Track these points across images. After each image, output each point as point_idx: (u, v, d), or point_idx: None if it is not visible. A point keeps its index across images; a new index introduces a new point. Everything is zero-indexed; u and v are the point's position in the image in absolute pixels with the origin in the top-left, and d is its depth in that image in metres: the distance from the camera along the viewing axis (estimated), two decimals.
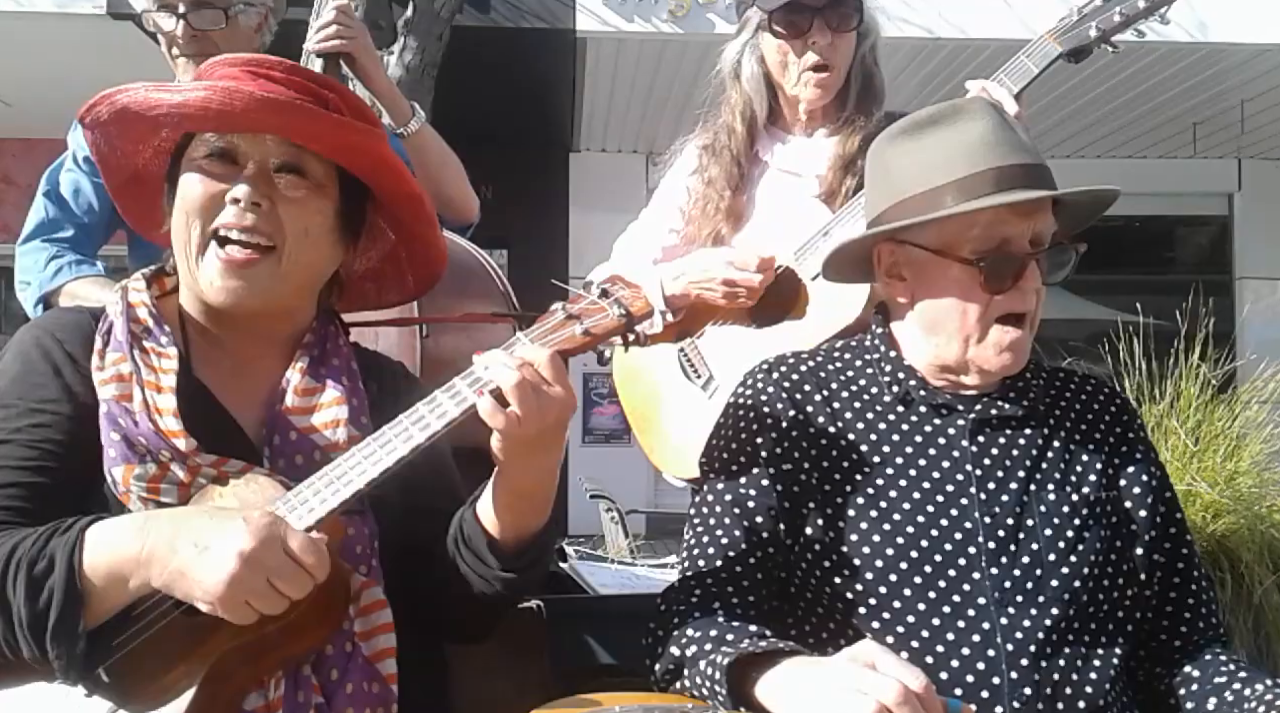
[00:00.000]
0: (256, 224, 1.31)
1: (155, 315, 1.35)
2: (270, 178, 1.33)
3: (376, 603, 1.30)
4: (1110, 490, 1.45)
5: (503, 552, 1.32)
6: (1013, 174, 1.36)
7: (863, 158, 2.08)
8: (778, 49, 2.13)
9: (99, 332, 1.33)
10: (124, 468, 1.24)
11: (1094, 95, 7.83)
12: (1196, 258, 10.71)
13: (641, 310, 1.28)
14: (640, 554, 5.95)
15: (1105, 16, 1.98)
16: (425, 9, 5.56)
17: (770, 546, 1.42)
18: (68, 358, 1.32)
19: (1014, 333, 1.40)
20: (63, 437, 1.28)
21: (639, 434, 2.27)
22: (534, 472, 1.28)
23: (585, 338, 1.26)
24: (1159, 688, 1.45)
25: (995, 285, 1.38)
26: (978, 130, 1.39)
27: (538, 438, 1.23)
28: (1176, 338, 4.44)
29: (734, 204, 2.18)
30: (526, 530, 1.32)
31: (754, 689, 1.21)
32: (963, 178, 1.36)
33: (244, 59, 1.37)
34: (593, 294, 1.29)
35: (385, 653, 1.29)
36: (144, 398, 1.27)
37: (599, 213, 7.23)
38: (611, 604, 2.05)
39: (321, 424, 1.35)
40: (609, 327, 1.26)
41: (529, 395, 1.20)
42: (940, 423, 1.45)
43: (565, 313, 1.27)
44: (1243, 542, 3.94)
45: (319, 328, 1.45)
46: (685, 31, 7.07)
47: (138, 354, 1.31)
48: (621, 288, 1.29)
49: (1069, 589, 1.37)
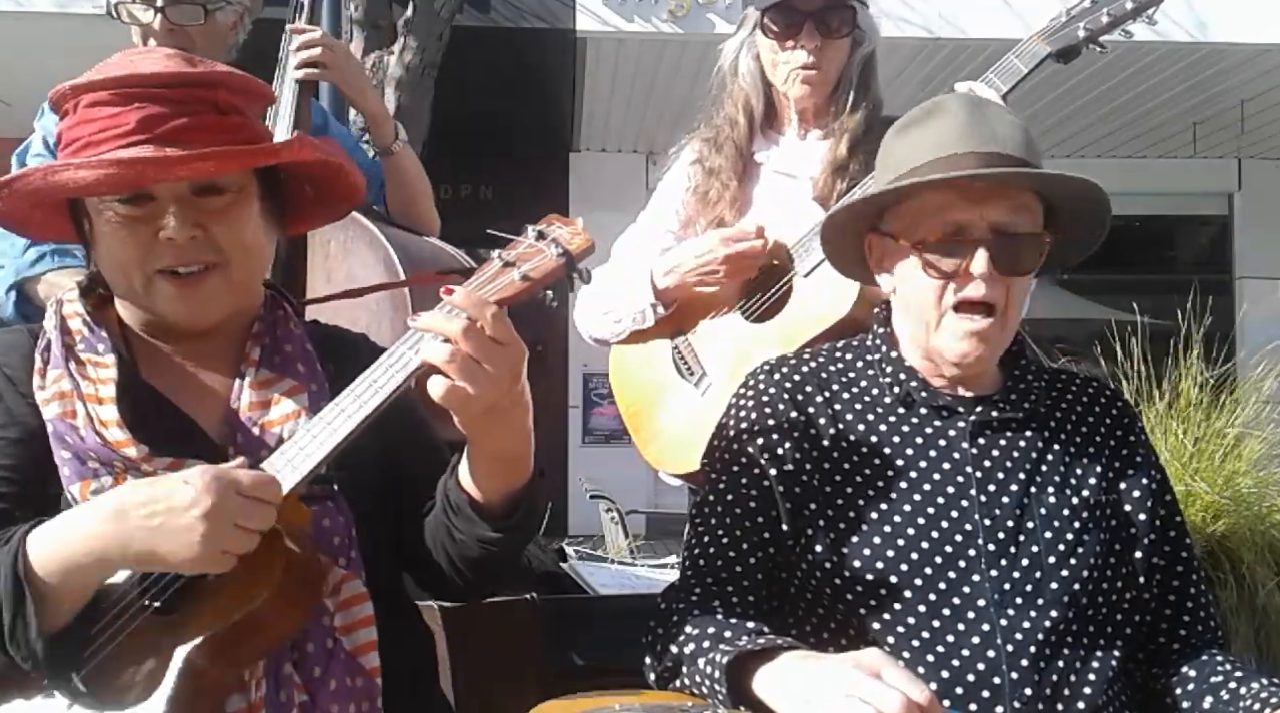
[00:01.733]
0: (197, 255, 1.29)
1: (90, 325, 1.33)
2: (193, 203, 1.29)
3: (357, 596, 1.29)
4: (1110, 494, 1.45)
5: (491, 514, 1.29)
6: (977, 161, 1.36)
7: (854, 162, 2.10)
8: (770, 48, 2.15)
9: (38, 350, 1.31)
10: (80, 484, 1.23)
11: (1094, 95, 7.84)
12: (1196, 258, 10.72)
13: (581, 247, 1.20)
14: (640, 554, 5.95)
15: (1093, 17, 1.99)
16: (425, 9, 5.57)
17: (771, 546, 1.42)
18: (7, 381, 1.30)
19: (974, 323, 1.39)
20: (11, 461, 1.26)
21: (632, 431, 2.28)
22: (506, 434, 1.24)
23: (524, 284, 1.18)
24: (1156, 689, 1.45)
25: (938, 273, 1.38)
26: (948, 123, 1.40)
27: (495, 400, 1.18)
28: (1176, 338, 4.44)
29: (739, 194, 2.19)
30: (511, 489, 1.29)
31: (753, 687, 1.21)
32: (922, 164, 1.38)
33: (116, 80, 1.27)
34: (528, 237, 1.21)
35: (367, 647, 1.28)
36: (86, 411, 1.25)
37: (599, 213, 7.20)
38: (611, 604, 2.05)
39: (281, 416, 1.32)
40: (549, 268, 1.19)
41: (467, 363, 1.15)
42: (941, 424, 1.45)
43: (501, 261, 1.20)
44: (1242, 542, 3.94)
45: (266, 314, 1.42)
46: (685, 31, 7.08)
47: (74, 367, 1.29)
48: (559, 227, 1.22)
49: (1068, 591, 1.37)
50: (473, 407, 1.18)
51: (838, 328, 1.92)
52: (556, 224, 1.23)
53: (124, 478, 1.23)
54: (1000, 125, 1.40)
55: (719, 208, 2.18)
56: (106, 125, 1.25)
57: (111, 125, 1.25)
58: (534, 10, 7.37)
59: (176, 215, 1.27)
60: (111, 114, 1.25)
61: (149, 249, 1.28)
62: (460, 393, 1.16)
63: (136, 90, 1.26)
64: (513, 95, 7.96)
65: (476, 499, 1.30)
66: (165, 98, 1.26)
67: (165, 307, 1.32)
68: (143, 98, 1.25)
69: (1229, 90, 8.08)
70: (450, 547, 1.34)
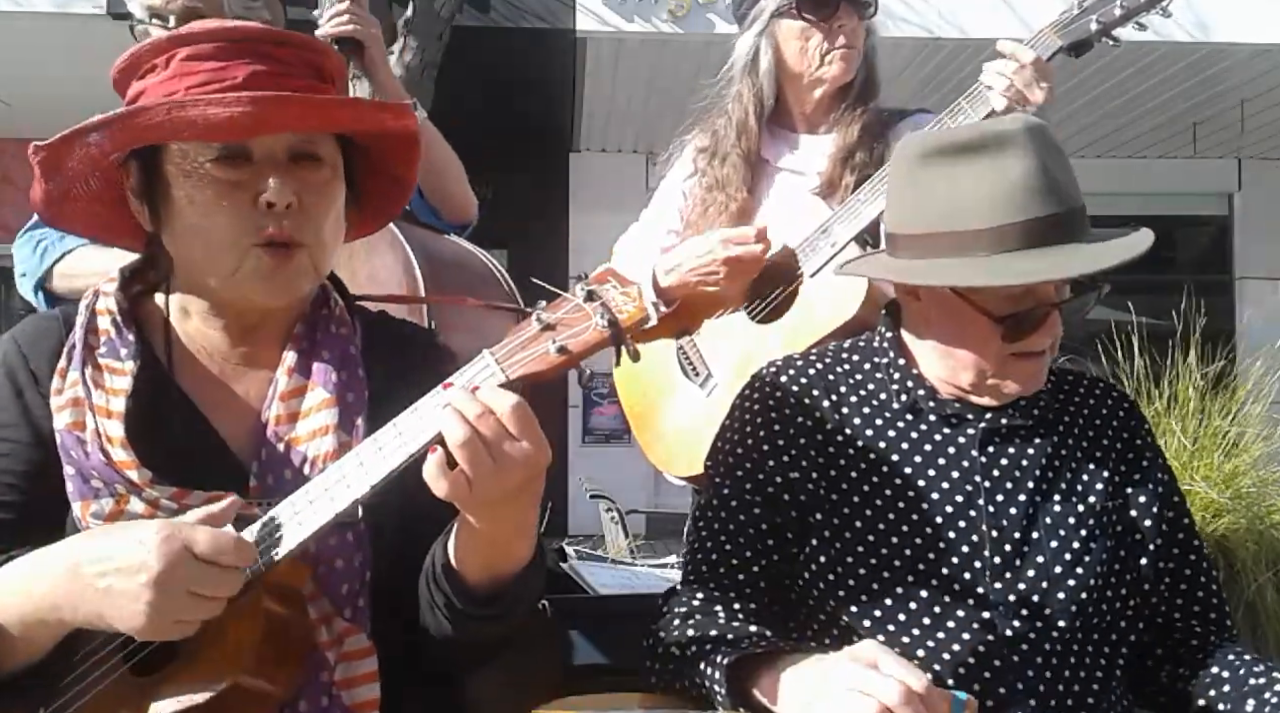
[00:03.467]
0: (294, 229, 1.19)
1: (119, 324, 1.23)
2: (289, 170, 1.19)
3: (360, 650, 1.18)
4: (1116, 499, 1.44)
5: (470, 595, 1.16)
6: (1048, 226, 1.30)
7: (861, 152, 2.10)
8: (800, 33, 2.14)
9: (66, 346, 1.23)
10: (81, 504, 1.15)
11: (1094, 95, 7.83)
12: (1196, 258, 10.71)
13: (632, 319, 1.05)
14: (640, 554, 5.94)
15: (1106, 10, 1.96)
16: (425, 9, 5.57)
17: (775, 553, 1.41)
18: (31, 378, 1.22)
19: (1033, 364, 1.38)
20: (24, 467, 1.19)
21: (637, 431, 2.28)
22: (505, 525, 1.10)
23: (560, 357, 1.04)
24: (1181, 689, 1.43)
25: (1016, 336, 1.36)
26: (1019, 170, 1.31)
27: (501, 499, 1.05)
28: (1176, 338, 4.44)
29: (746, 203, 2.18)
30: (497, 575, 1.15)
31: (754, 690, 1.21)
32: (997, 227, 1.30)
33: (225, 32, 1.18)
34: (577, 296, 1.06)
35: (368, 704, 1.18)
36: (95, 426, 1.16)
37: (599, 213, 7.23)
38: (611, 604, 2.05)
39: (308, 433, 1.22)
40: (590, 341, 1.04)
41: (479, 453, 1.01)
42: (950, 432, 1.43)
43: (540, 323, 1.05)
44: (1242, 542, 3.95)
45: (311, 313, 1.31)
46: (685, 31, 7.07)
47: (90, 373, 1.20)
48: (612, 288, 1.07)
49: (1075, 601, 1.36)
50: (474, 498, 1.05)
51: (844, 329, 1.91)
52: (612, 282, 1.07)
53: (126, 502, 1.14)
54: (1059, 165, 1.33)
55: (720, 221, 2.17)
56: (212, 78, 1.14)
57: (217, 78, 1.14)
58: (534, 10, 7.36)
59: (280, 177, 1.17)
60: (217, 66, 1.15)
61: (246, 217, 1.17)
62: (461, 480, 1.03)
63: (243, 45, 1.16)
64: (513, 95, 7.95)
65: (460, 577, 1.16)
66: (273, 55, 1.17)
67: (252, 283, 1.20)
68: (250, 53, 1.16)
69: (1229, 90, 8.07)
70: (429, 620, 1.21)
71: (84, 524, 1.15)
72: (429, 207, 2.28)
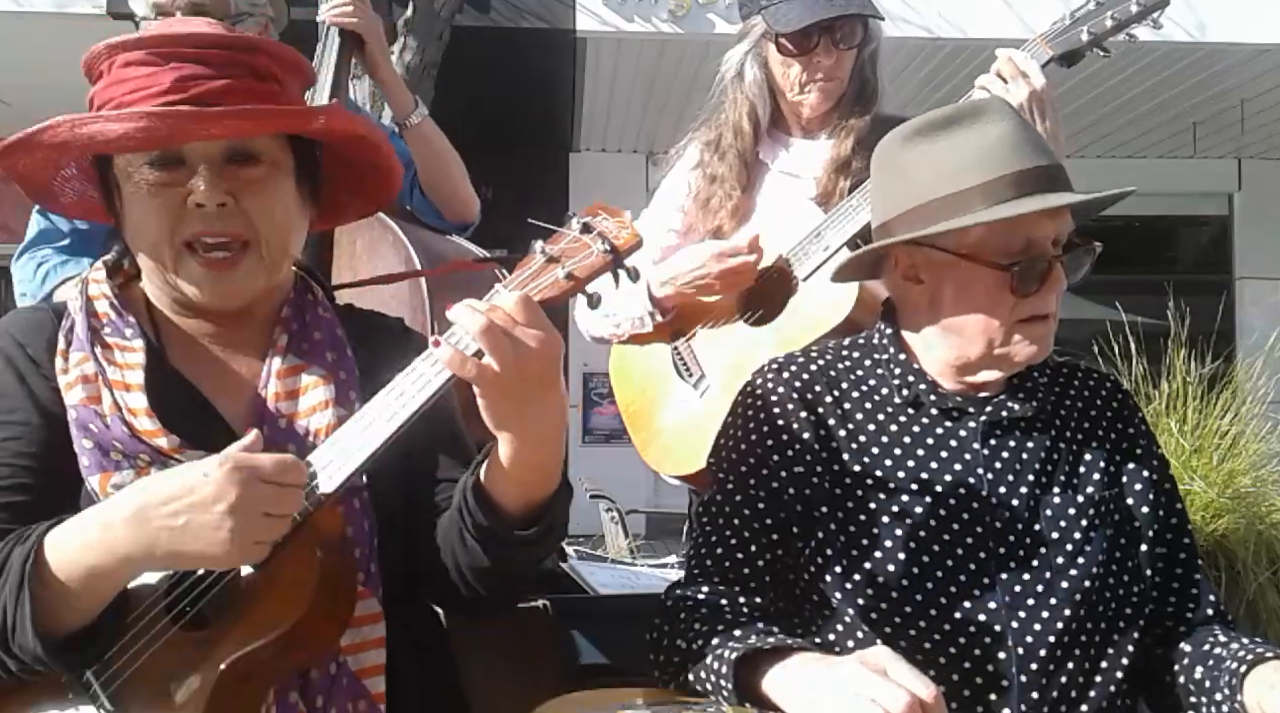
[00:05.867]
0: (227, 226, 1.24)
1: (117, 307, 1.28)
2: (224, 170, 1.23)
3: (370, 615, 1.24)
4: (1113, 488, 1.46)
5: (510, 522, 1.22)
6: (1036, 177, 1.36)
7: (857, 159, 2.10)
8: (781, 61, 2.14)
9: (61, 331, 1.26)
10: (100, 476, 1.18)
11: (1094, 95, 7.83)
12: (1196, 258, 10.72)
13: (629, 242, 1.14)
14: (640, 554, 5.94)
15: (1097, 21, 1.98)
16: (425, 9, 5.57)
17: (779, 548, 1.41)
18: (31, 364, 1.25)
19: (1040, 328, 1.40)
20: (35, 449, 1.22)
21: (631, 431, 2.28)
22: (531, 434, 1.16)
23: (569, 283, 1.13)
24: (1158, 669, 1.45)
25: (1025, 289, 1.37)
26: (997, 132, 1.38)
27: (521, 389, 1.11)
28: (1175, 338, 4.44)
29: (741, 203, 2.18)
30: (532, 499, 1.22)
31: (760, 685, 1.21)
32: (988, 181, 1.36)
33: (154, 39, 1.23)
34: (573, 229, 1.15)
35: (374, 670, 1.23)
36: (113, 399, 1.20)
37: None
38: (611, 604, 2.05)
39: (307, 408, 1.28)
40: (594, 266, 1.13)
41: (501, 340, 1.08)
42: (952, 425, 1.44)
43: (545, 255, 1.14)
44: (1241, 542, 3.95)
45: (296, 298, 1.37)
46: (685, 31, 7.07)
47: (100, 351, 1.24)
48: (604, 218, 1.15)
49: (1079, 591, 1.37)
50: (497, 386, 1.11)
51: (837, 331, 1.92)
52: (602, 215, 1.16)
53: (147, 472, 1.17)
54: (1036, 129, 1.42)
55: (719, 215, 2.18)
56: (140, 84, 1.20)
57: (145, 85, 1.20)
58: (534, 10, 7.36)
59: (207, 179, 1.22)
60: (146, 73, 1.20)
61: (178, 217, 1.23)
62: (487, 369, 1.09)
63: (172, 50, 1.21)
64: (513, 95, 7.95)
65: (495, 504, 1.22)
66: (202, 58, 1.21)
67: (193, 287, 1.26)
68: (179, 57, 1.21)
69: (1229, 90, 8.08)
70: (460, 554, 1.26)
71: (102, 496, 1.17)
72: (431, 207, 2.29)
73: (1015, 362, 1.42)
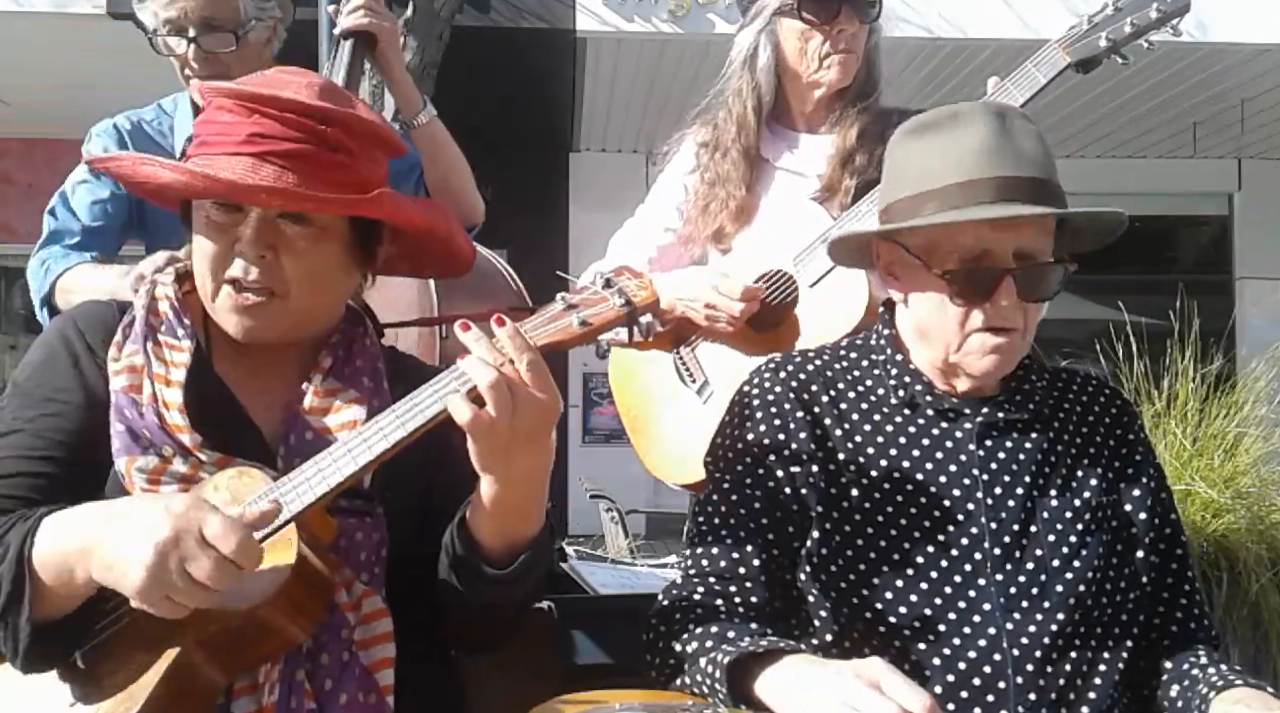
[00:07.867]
0: (260, 278, 1.31)
1: (177, 310, 1.36)
2: (274, 225, 1.31)
3: (377, 612, 1.29)
4: (1111, 495, 1.46)
5: (489, 560, 1.28)
6: (1003, 186, 1.34)
7: (860, 152, 2.09)
8: (800, 34, 2.12)
9: (121, 325, 1.35)
10: (126, 459, 1.25)
11: (1094, 95, 7.83)
12: (1196, 258, 10.72)
13: (645, 301, 1.22)
14: (640, 554, 5.94)
15: (1116, 27, 1.92)
16: (425, 9, 5.57)
17: (775, 548, 1.42)
18: (87, 349, 1.34)
19: (996, 339, 1.38)
20: (73, 426, 1.29)
21: (632, 436, 2.27)
22: (517, 481, 1.23)
23: (582, 329, 1.21)
24: (1139, 683, 1.45)
25: (964, 300, 1.37)
26: (975, 137, 1.36)
27: (512, 441, 1.18)
28: (1175, 338, 4.44)
29: (745, 202, 2.17)
30: (512, 540, 1.28)
31: (754, 688, 1.21)
32: (948, 186, 1.35)
33: (243, 94, 1.32)
34: (596, 284, 1.24)
35: (383, 663, 1.28)
36: (152, 391, 1.28)
37: (599, 213, 7.22)
38: (611, 604, 2.05)
39: (338, 425, 1.34)
40: (608, 317, 1.21)
41: (505, 397, 1.15)
42: (947, 427, 1.44)
43: (564, 303, 1.22)
44: (1242, 542, 3.94)
45: (346, 329, 1.45)
46: (685, 31, 7.07)
47: (150, 347, 1.32)
48: (627, 278, 1.24)
49: (1074, 594, 1.37)
50: (492, 436, 1.17)
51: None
52: (626, 276, 1.25)
53: (169, 462, 1.25)
54: (1024, 138, 1.38)
55: (720, 216, 2.17)
56: (222, 130, 1.31)
57: (225, 132, 1.30)
58: (534, 10, 7.35)
59: (254, 230, 1.30)
60: (229, 122, 1.30)
61: (225, 256, 1.32)
62: (484, 417, 1.15)
63: (255, 107, 1.30)
64: (513, 95, 7.95)
65: (475, 540, 1.29)
66: (279, 118, 1.30)
67: (224, 316, 1.35)
68: (261, 113, 1.30)
69: (1229, 90, 8.07)
70: (446, 589, 1.32)
71: (127, 477, 1.25)
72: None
73: (971, 373, 1.41)
